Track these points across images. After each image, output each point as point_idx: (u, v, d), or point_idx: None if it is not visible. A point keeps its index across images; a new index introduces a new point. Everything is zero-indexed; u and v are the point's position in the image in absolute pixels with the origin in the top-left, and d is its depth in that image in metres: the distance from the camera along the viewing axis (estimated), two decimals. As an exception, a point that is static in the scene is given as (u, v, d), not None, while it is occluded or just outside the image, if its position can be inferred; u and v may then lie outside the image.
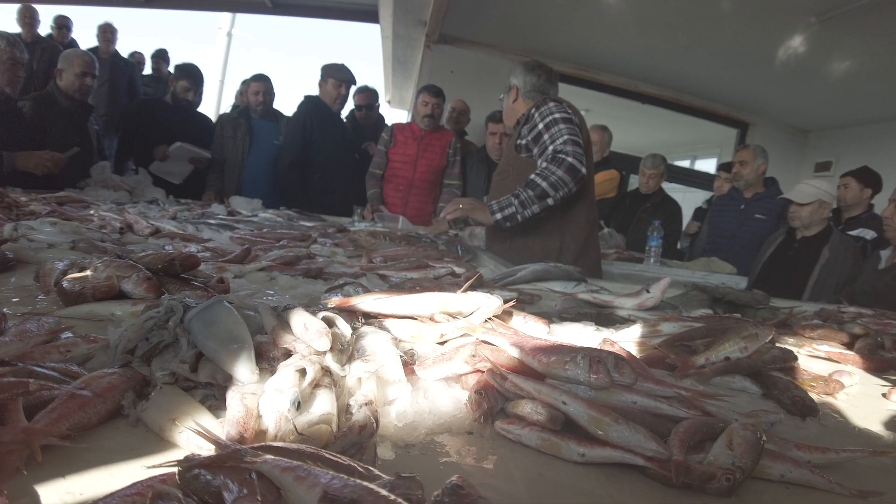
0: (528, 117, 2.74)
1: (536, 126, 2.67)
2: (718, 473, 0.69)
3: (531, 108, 2.74)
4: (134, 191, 3.67)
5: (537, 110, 2.70)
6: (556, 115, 2.63)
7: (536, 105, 2.73)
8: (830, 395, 1.17)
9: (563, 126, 2.60)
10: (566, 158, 2.51)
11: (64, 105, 3.69)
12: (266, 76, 4.86)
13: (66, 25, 6.31)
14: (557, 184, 2.51)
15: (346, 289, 1.42)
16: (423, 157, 4.57)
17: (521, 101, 2.89)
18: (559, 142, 2.56)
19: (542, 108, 2.68)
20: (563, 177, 2.51)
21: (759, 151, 4.53)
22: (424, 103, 4.56)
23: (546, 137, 2.62)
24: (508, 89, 2.95)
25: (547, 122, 2.64)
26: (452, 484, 0.54)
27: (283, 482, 0.50)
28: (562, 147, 2.54)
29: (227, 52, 15.68)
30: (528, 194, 2.54)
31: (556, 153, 2.54)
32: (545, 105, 2.69)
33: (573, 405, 0.78)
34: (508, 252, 2.73)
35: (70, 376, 0.73)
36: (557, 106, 2.69)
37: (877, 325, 1.72)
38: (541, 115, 2.67)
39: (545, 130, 2.63)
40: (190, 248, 1.93)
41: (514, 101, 2.92)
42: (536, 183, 2.53)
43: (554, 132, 2.60)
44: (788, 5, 4.35)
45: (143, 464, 0.58)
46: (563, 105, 2.71)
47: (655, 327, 1.34)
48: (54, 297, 1.18)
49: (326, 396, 0.72)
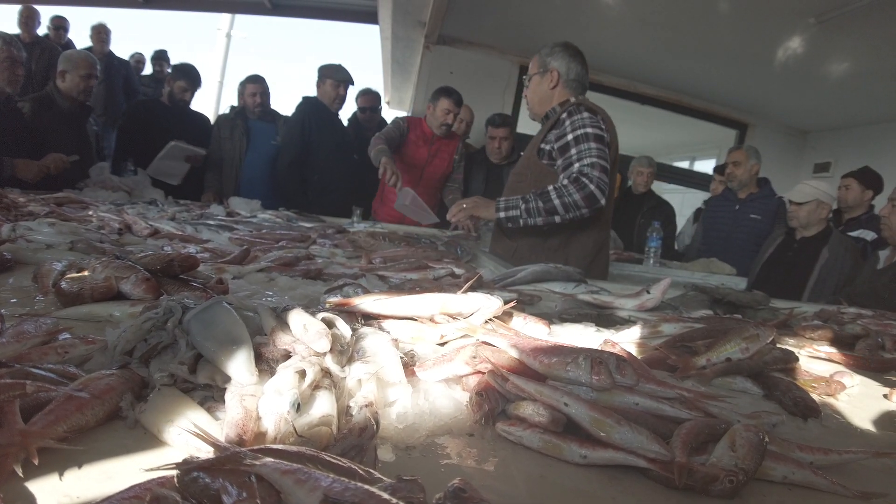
0: (558, 121, 2.58)
1: (566, 135, 2.51)
2: (721, 475, 0.69)
3: (562, 113, 2.58)
4: (133, 191, 3.67)
5: (570, 117, 2.53)
6: (589, 129, 2.47)
7: (569, 111, 2.56)
8: (832, 396, 1.16)
9: (594, 145, 2.45)
10: (588, 185, 2.38)
11: (63, 106, 3.68)
12: (261, 77, 4.84)
13: (62, 26, 6.31)
14: (570, 206, 2.41)
15: (345, 290, 1.42)
16: (431, 164, 4.49)
17: (560, 88, 2.68)
18: (586, 162, 2.42)
19: (576, 118, 2.52)
20: (578, 202, 2.40)
21: (751, 152, 4.55)
22: (447, 111, 4.34)
23: (573, 152, 2.47)
24: (545, 70, 2.69)
25: (578, 135, 2.48)
26: (454, 487, 0.53)
27: (282, 485, 0.49)
28: (588, 171, 2.40)
29: (226, 53, 15.72)
30: (536, 205, 2.45)
31: (580, 175, 2.40)
32: (579, 114, 2.53)
33: (575, 406, 0.77)
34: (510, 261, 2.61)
35: (68, 378, 0.73)
36: (592, 118, 2.52)
37: (877, 325, 1.72)
38: (573, 125, 2.50)
39: (574, 144, 2.47)
40: (189, 248, 1.93)
41: (553, 86, 2.68)
42: (549, 197, 2.43)
43: (583, 149, 2.45)
44: (787, 7, 4.35)
45: (141, 466, 0.58)
46: (597, 118, 2.55)
47: (656, 328, 1.34)
48: (52, 298, 1.18)
49: (326, 398, 0.72)
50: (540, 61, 2.74)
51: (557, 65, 2.68)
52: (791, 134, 7.37)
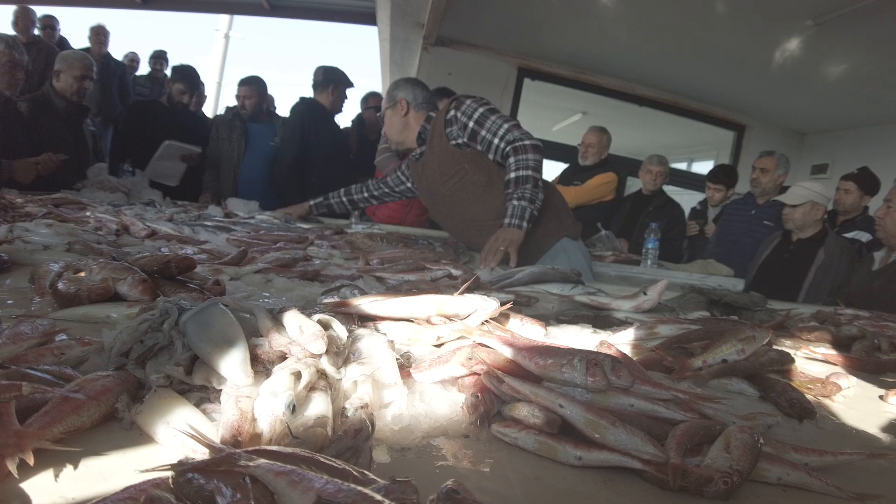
0: (450, 120, 2.71)
1: (467, 125, 2.65)
2: (716, 477, 0.69)
3: (449, 112, 2.71)
4: (130, 192, 3.66)
5: (458, 110, 2.68)
6: (481, 109, 2.64)
7: (454, 106, 2.70)
8: (828, 397, 1.17)
9: (494, 117, 2.62)
10: (524, 142, 2.54)
11: (60, 107, 3.67)
12: (253, 79, 4.81)
13: (51, 25, 6.25)
14: (537, 164, 2.55)
15: (342, 291, 1.42)
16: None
17: (413, 113, 2.87)
18: (503, 132, 2.58)
19: (463, 108, 2.67)
20: (535, 157, 2.54)
21: (782, 161, 4.47)
22: None
23: (484, 133, 2.62)
24: (393, 104, 2.89)
25: (476, 118, 2.63)
26: (448, 488, 0.53)
27: (276, 486, 0.50)
28: (511, 136, 2.56)
29: (224, 53, 15.73)
30: (528, 190, 2.51)
31: (511, 144, 2.56)
32: (463, 104, 2.68)
33: (570, 408, 0.77)
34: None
35: (64, 379, 0.73)
36: (475, 101, 2.69)
37: (873, 327, 1.72)
38: (465, 114, 2.65)
39: (479, 127, 2.63)
40: (186, 250, 1.93)
41: (405, 114, 2.88)
42: (524, 176, 2.52)
43: (490, 125, 2.61)
44: (784, 9, 4.36)
45: (137, 467, 0.58)
46: (479, 99, 2.71)
47: (652, 330, 1.34)
48: (49, 300, 1.17)
49: (322, 400, 0.72)
50: (387, 98, 2.97)
51: (403, 94, 2.88)
52: (788, 135, 7.39)
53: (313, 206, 3.51)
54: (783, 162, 4.46)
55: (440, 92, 4.53)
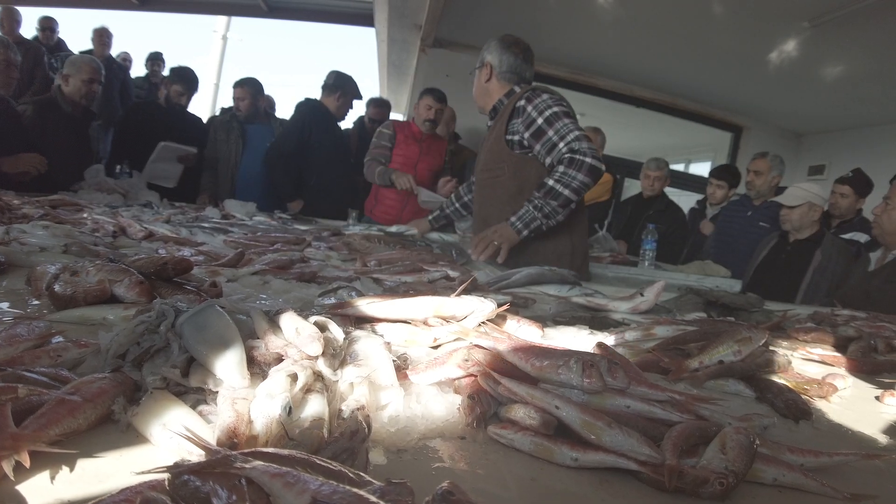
0: (519, 110, 2.56)
1: (535, 121, 2.49)
2: (711, 478, 0.69)
3: (519, 101, 2.56)
4: (128, 194, 3.66)
5: (530, 103, 2.52)
6: (556, 108, 2.47)
7: (528, 97, 2.55)
8: (824, 398, 1.17)
9: (567, 121, 2.45)
10: (584, 160, 2.37)
11: (66, 110, 3.69)
12: (247, 81, 4.81)
13: (50, 27, 6.22)
14: (580, 188, 2.40)
15: (339, 292, 1.42)
16: (423, 160, 4.53)
17: (495, 81, 2.71)
18: (570, 138, 2.41)
19: (537, 101, 2.51)
20: (584, 180, 2.39)
21: (776, 163, 4.46)
22: (428, 107, 4.47)
23: (551, 134, 2.46)
24: (481, 65, 2.74)
25: (547, 116, 2.46)
26: (443, 490, 0.53)
27: (272, 488, 0.50)
28: (577, 146, 2.39)
29: (222, 54, 15.72)
30: (550, 206, 2.41)
31: (572, 153, 2.39)
32: (538, 97, 2.52)
33: (566, 409, 0.78)
34: (520, 257, 2.54)
35: (60, 381, 0.73)
36: (553, 98, 2.52)
37: (870, 328, 1.73)
38: (537, 109, 2.49)
39: (548, 126, 2.46)
40: (183, 251, 1.92)
41: (486, 80, 2.72)
42: (558, 191, 2.40)
43: (559, 128, 2.44)
44: (781, 10, 4.38)
45: (133, 469, 0.58)
46: (557, 97, 2.55)
47: (649, 331, 1.34)
48: (46, 301, 1.17)
49: (318, 401, 0.72)
50: (479, 57, 2.79)
51: (490, 58, 2.71)
52: (786, 136, 7.42)
53: (432, 220, 3.38)
54: (777, 163, 4.47)
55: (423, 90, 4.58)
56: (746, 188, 4.62)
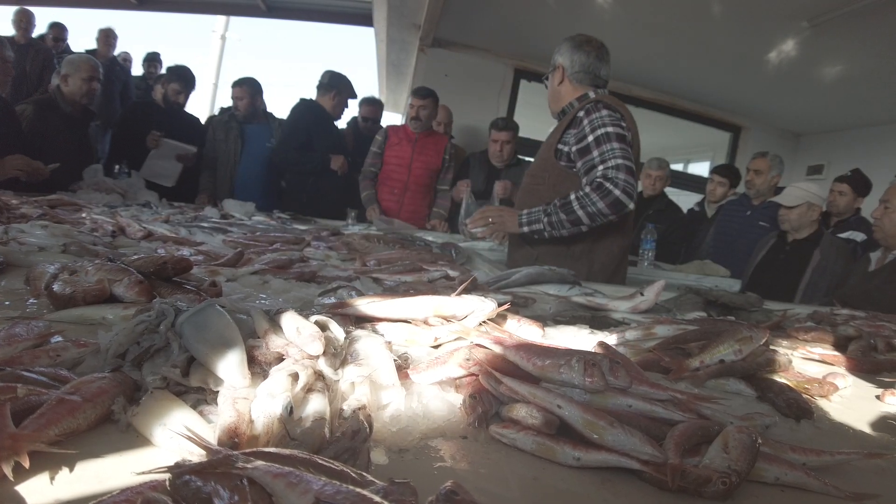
0: (574, 119, 2.48)
1: (585, 137, 2.39)
2: (714, 477, 0.69)
3: (580, 111, 2.46)
4: (126, 194, 3.66)
5: (588, 116, 2.42)
6: (610, 129, 2.35)
7: (587, 109, 2.44)
8: (825, 397, 1.17)
9: (617, 146, 2.32)
10: (613, 191, 2.26)
11: (66, 110, 3.68)
12: (245, 80, 4.81)
13: (61, 38, 6.31)
14: (595, 215, 2.32)
15: (339, 292, 1.42)
16: (417, 160, 4.54)
17: (567, 83, 2.59)
18: (610, 164, 2.29)
19: (594, 116, 2.40)
20: (603, 210, 2.30)
21: (775, 162, 4.46)
22: (411, 106, 4.52)
23: (595, 155, 2.35)
24: (553, 68, 2.64)
25: (598, 135, 2.35)
26: (447, 490, 0.53)
27: (274, 488, 0.49)
28: (613, 175, 2.28)
29: (220, 54, 15.71)
30: (559, 217, 2.36)
31: (604, 180, 2.29)
32: (598, 112, 2.41)
33: (568, 409, 0.77)
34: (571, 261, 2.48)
35: (59, 381, 0.72)
36: (612, 116, 2.40)
37: (869, 327, 1.73)
38: (591, 125, 2.39)
39: (595, 146, 2.35)
40: (182, 251, 1.92)
41: (559, 83, 2.61)
42: (572, 209, 2.33)
43: (605, 151, 2.33)
44: (780, 10, 4.38)
45: (133, 470, 0.57)
46: (617, 115, 2.43)
47: (650, 330, 1.34)
48: (45, 301, 1.17)
49: (319, 401, 0.71)
50: (551, 60, 2.69)
51: (562, 59, 2.62)
52: (784, 136, 7.42)
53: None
54: (776, 163, 4.47)
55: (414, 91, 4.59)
56: (746, 187, 4.63)
